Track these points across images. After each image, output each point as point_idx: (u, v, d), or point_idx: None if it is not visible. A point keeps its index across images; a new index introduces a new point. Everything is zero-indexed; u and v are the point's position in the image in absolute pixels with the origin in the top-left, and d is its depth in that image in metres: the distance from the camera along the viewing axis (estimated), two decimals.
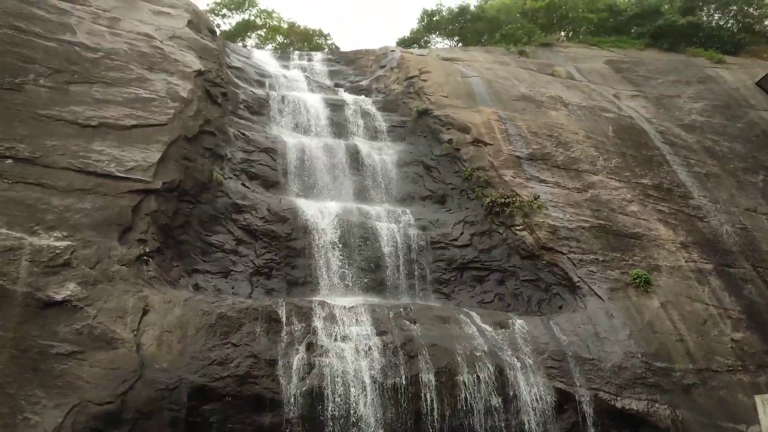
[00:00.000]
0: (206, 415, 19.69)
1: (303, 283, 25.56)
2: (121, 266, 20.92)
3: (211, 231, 25.24)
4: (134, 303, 20.35)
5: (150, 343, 19.99)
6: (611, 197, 27.22)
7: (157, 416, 18.91)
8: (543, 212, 26.21)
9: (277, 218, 26.41)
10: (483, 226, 27.99)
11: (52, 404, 17.79)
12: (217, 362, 20.37)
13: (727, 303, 24.18)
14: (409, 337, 22.50)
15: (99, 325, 19.47)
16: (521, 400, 21.71)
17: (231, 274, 25.03)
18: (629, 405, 21.31)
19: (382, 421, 20.70)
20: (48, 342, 18.58)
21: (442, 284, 27.32)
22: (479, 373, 22.00)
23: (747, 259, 26.03)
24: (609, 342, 22.71)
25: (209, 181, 25.64)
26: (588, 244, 25.40)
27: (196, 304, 21.54)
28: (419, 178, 31.27)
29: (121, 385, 18.76)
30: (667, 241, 25.90)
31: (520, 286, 26.98)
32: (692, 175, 29.22)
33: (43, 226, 20.29)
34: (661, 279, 24.56)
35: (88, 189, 21.61)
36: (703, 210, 27.63)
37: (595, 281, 24.48)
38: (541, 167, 28.23)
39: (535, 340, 23.08)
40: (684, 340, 22.91)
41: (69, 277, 19.78)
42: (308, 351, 21.59)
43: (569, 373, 22.20)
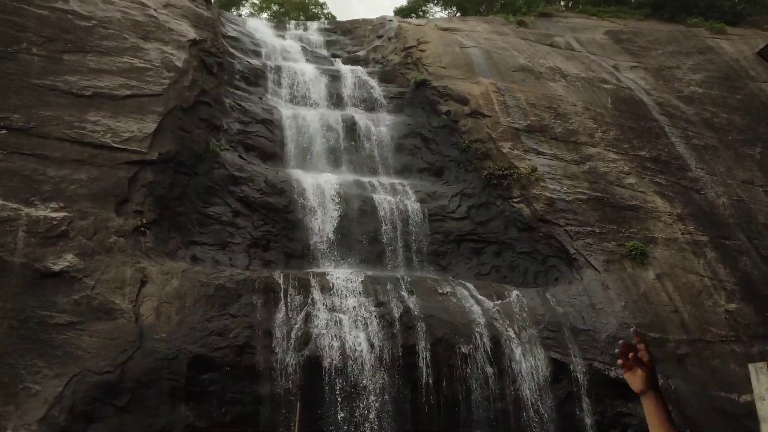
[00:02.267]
0: (205, 385, 19.90)
1: (300, 255, 25.61)
2: (118, 237, 20.93)
3: (208, 203, 25.20)
4: (132, 274, 20.41)
5: (149, 313, 20.10)
6: (609, 169, 27.19)
7: (157, 386, 19.11)
8: (540, 184, 26.19)
9: (275, 190, 26.36)
10: (480, 199, 27.99)
11: (52, 374, 17.95)
12: (215, 333, 20.52)
13: (722, 275, 24.33)
14: (407, 308, 22.65)
15: (97, 296, 19.56)
16: (517, 370, 21.96)
17: (228, 245, 25.06)
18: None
19: (379, 391, 20.96)
20: (47, 312, 18.67)
21: (440, 256, 27.41)
22: (475, 344, 22.21)
23: (743, 231, 26.11)
24: (604, 313, 22.90)
25: (206, 152, 25.52)
26: (585, 217, 25.45)
27: (194, 276, 21.61)
28: (417, 150, 31.16)
29: (120, 355, 18.92)
30: (663, 213, 25.94)
31: (516, 258, 27.09)
32: (690, 148, 29.15)
33: (39, 197, 20.24)
34: (657, 251, 24.68)
35: (84, 160, 21.50)
36: (700, 182, 27.63)
37: (592, 253, 24.59)
38: (539, 139, 28.14)
39: (532, 312, 23.26)
40: (678, 311, 23.11)
41: (66, 248, 19.80)
42: (306, 322, 21.74)
43: (564, 344, 22.42)
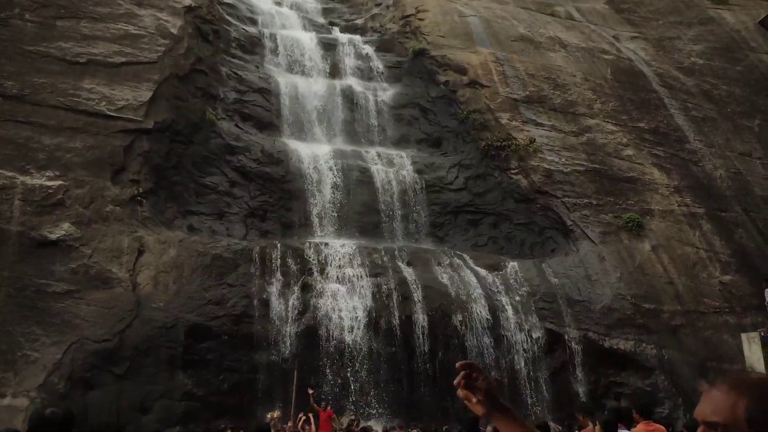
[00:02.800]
0: (203, 354, 20.06)
1: (298, 225, 25.61)
2: (114, 206, 20.88)
3: (204, 172, 25.09)
4: (129, 243, 20.41)
5: (146, 282, 20.17)
6: (607, 141, 27.09)
7: (155, 354, 19.25)
8: (538, 156, 26.10)
9: (271, 160, 26.23)
10: (478, 170, 27.91)
11: (50, 341, 18.06)
12: (213, 302, 20.62)
13: (718, 246, 24.42)
14: (403, 279, 22.75)
15: (95, 265, 19.58)
16: (512, 340, 22.16)
17: (225, 215, 25.04)
18: (617, 345, 21.77)
19: (376, 360, 21.15)
20: (44, 281, 18.71)
21: (437, 227, 27.44)
22: (472, 314, 22.37)
23: (739, 204, 26.13)
24: (599, 284, 23.03)
25: (202, 121, 25.33)
26: (582, 188, 25.42)
27: (192, 245, 21.63)
28: (414, 120, 30.96)
29: (118, 324, 19.03)
30: (660, 185, 25.92)
31: (513, 230, 27.13)
32: (689, 119, 29.01)
33: (34, 165, 20.14)
34: (654, 223, 24.72)
35: (79, 128, 21.34)
36: (698, 154, 27.56)
37: (588, 225, 24.62)
38: (538, 110, 27.96)
39: (528, 283, 23.38)
40: (673, 283, 23.24)
41: (63, 217, 19.77)
42: (303, 292, 21.84)
43: (560, 315, 22.59)
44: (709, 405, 1.62)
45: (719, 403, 1.60)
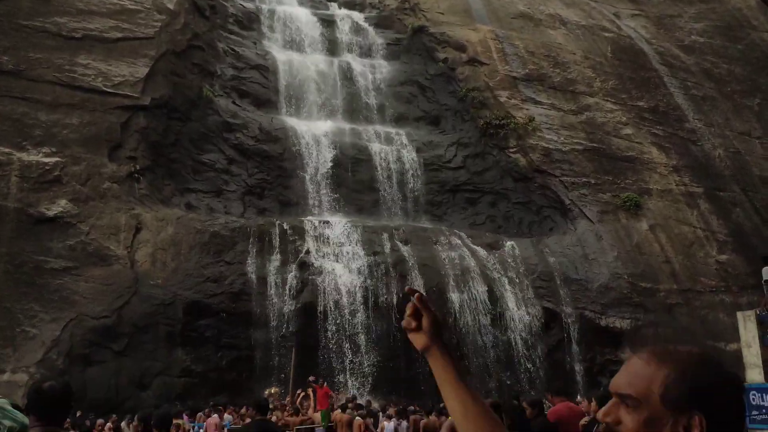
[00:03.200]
0: (201, 330, 20.15)
1: (295, 203, 25.56)
2: (112, 183, 20.82)
3: (202, 149, 24.98)
4: (127, 220, 20.38)
5: (144, 260, 20.18)
6: (606, 120, 26.97)
7: (154, 330, 19.34)
8: (537, 134, 26.00)
9: (269, 137, 26.11)
10: (477, 149, 27.82)
11: (49, 318, 18.12)
12: (211, 279, 20.66)
13: (715, 226, 24.44)
14: (401, 257, 22.80)
15: (92, 242, 19.58)
16: (509, 318, 22.27)
17: (223, 193, 24.98)
18: (613, 323, 21.90)
19: (373, 338, 21.27)
20: (42, 257, 18.72)
21: (435, 206, 27.41)
22: (469, 293, 22.46)
23: (737, 183, 26.10)
24: (597, 263, 23.09)
25: (199, 98, 25.14)
26: (581, 167, 25.37)
27: (189, 223, 21.61)
28: (413, 98, 30.77)
29: (116, 300, 19.08)
30: (659, 164, 25.86)
31: (511, 209, 27.13)
32: (689, 98, 28.85)
33: (31, 142, 20.03)
34: (651, 202, 24.71)
35: (75, 104, 21.19)
36: (697, 133, 27.46)
37: (586, 204, 24.61)
38: (537, 88, 27.78)
39: (525, 261, 23.44)
40: (670, 262, 23.31)
41: (60, 194, 19.71)
42: (301, 270, 21.89)
43: (557, 293, 22.68)
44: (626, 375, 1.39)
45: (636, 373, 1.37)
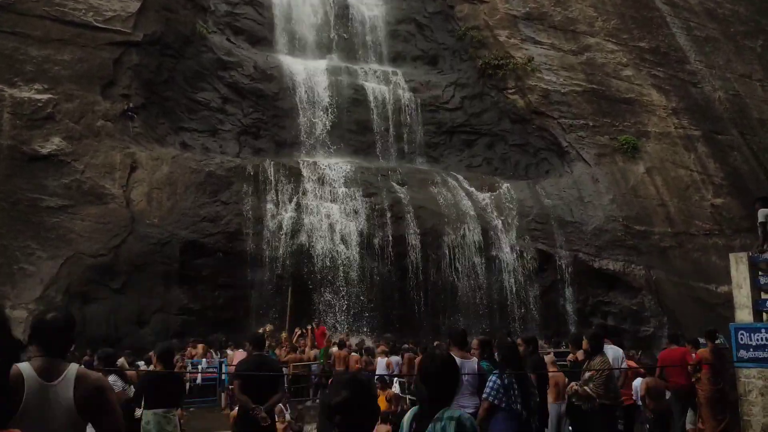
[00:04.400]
0: (199, 269, 20.31)
1: (291, 143, 25.38)
2: (105, 121, 20.57)
3: (196, 88, 24.61)
4: (121, 159, 20.24)
5: (139, 199, 20.15)
6: (607, 60, 26.56)
7: (151, 269, 19.47)
8: (536, 75, 25.63)
9: (264, 76, 25.70)
10: (475, 89, 27.48)
11: (46, 255, 18.20)
12: (207, 219, 20.70)
13: (711, 169, 24.42)
14: (397, 199, 22.81)
15: (87, 180, 19.49)
16: (503, 260, 22.49)
17: (218, 132, 24.75)
18: (606, 265, 22.14)
19: (368, 278, 21.50)
20: (38, 195, 18.66)
21: (431, 148, 27.27)
22: (464, 235, 22.60)
23: (736, 126, 25.94)
24: (592, 206, 23.17)
25: (192, 34, 24.58)
26: (579, 109, 25.13)
27: (185, 162, 21.48)
28: (411, 36, 30.18)
29: (113, 239, 19.14)
30: (658, 106, 25.63)
31: (508, 151, 27.02)
32: (691, 39, 28.36)
33: (22, 78, 19.67)
34: (649, 145, 24.61)
35: (66, 39, 20.72)
36: (698, 76, 27.11)
37: (584, 146, 24.51)
38: (537, 27, 27.23)
39: (521, 204, 23.50)
40: (665, 205, 23.40)
41: (53, 131, 19.49)
42: (297, 210, 21.91)
43: (551, 235, 22.84)
44: None
45: None
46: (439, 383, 3.77)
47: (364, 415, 2.88)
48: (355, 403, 2.82)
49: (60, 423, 3.23)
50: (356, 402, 2.82)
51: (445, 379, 3.80)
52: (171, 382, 7.89)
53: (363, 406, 2.86)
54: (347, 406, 2.80)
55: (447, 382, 3.81)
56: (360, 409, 2.84)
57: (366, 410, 2.89)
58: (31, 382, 3.20)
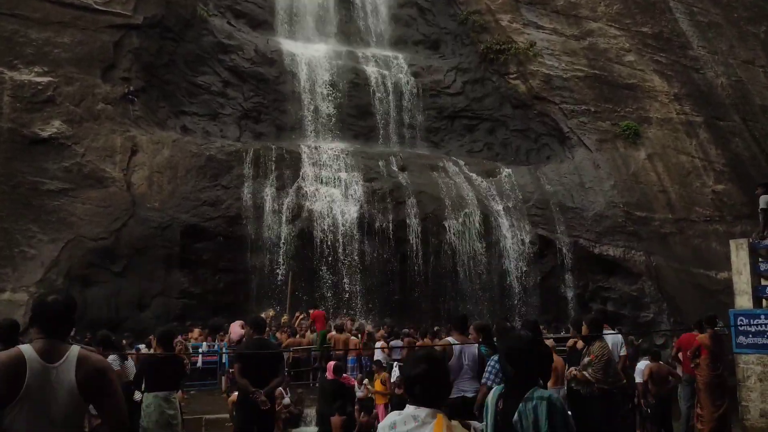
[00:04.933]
0: (199, 254, 20.33)
1: (292, 128, 25.32)
2: (106, 105, 20.51)
3: (196, 71, 24.51)
4: (122, 142, 20.21)
5: (140, 182, 20.13)
6: (609, 46, 26.40)
7: (152, 253, 19.51)
8: (538, 60, 25.49)
9: (265, 60, 25.58)
10: (476, 74, 27.35)
11: (47, 239, 18.22)
12: (207, 203, 20.69)
13: (713, 156, 24.35)
14: (398, 183, 22.77)
15: (88, 164, 19.46)
16: (504, 245, 22.50)
17: (219, 116, 24.69)
18: (607, 251, 22.15)
19: (369, 263, 21.52)
20: (38, 179, 18.65)
21: (432, 133, 27.20)
22: (465, 219, 22.60)
23: (738, 113, 25.82)
24: (593, 192, 23.14)
25: (193, 17, 24.43)
26: (581, 95, 25.01)
27: (185, 146, 21.43)
28: (412, 21, 30.00)
29: (113, 223, 19.16)
30: (660, 92, 25.50)
31: (509, 136, 26.95)
32: (694, 24, 28.17)
33: (22, 60, 19.60)
34: (651, 131, 24.51)
35: (66, 22, 20.61)
36: (700, 61, 26.96)
37: (585, 132, 24.42)
38: (540, 12, 27.05)
39: (522, 189, 23.47)
40: (666, 191, 23.35)
41: (54, 114, 19.45)
42: (297, 195, 21.89)
43: (552, 221, 22.82)
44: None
45: None
46: (526, 362, 3.78)
47: (440, 386, 3.18)
48: (432, 375, 3.12)
49: (62, 404, 3.25)
50: (433, 374, 3.13)
51: (531, 358, 3.82)
52: (171, 365, 7.94)
53: (438, 378, 3.17)
54: (425, 378, 3.10)
55: (533, 360, 3.84)
56: (436, 381, 3.14)
57: (441, 382, 3.20)
58: (33, 364, 3.21)
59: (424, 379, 3.10)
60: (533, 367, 3.83)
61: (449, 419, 3.06)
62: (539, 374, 3.91)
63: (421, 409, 3.08)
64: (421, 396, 3.10)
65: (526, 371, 3.80)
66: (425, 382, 3.10)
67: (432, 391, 3.12)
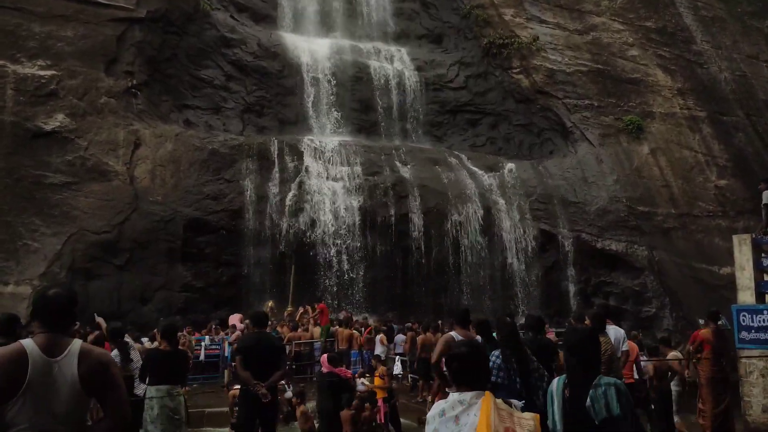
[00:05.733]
0: (202, 247, 20.37)
1: (294, 122, 25.30)
2: (109, 98, 20.51)
3: (199, 65, 24.49)
4: (125, 136, 20.22)
5: (143, 176, 20.15)
6: (613, 40, 26.30)
7: (154, 246, 19.54)
8: (541, 55, 25.41)
9: (268, 54, 25.53)
10: (479, 68, 27.28)
11: (50, 232, 18.26)
12: (210, 197, 20.71)
13: (716, 150, 24.27)
14: (400, 178, 22.76)
15: (91, 157, 19.48)
16: (506, 239, 22.50)
17: (222, 110, 24.67)
18: (609, 246, 22.12)
19: (371, 257, 21.53)
20: (41, 172, 18.67)
21: (435, 127, 27.17)
22: (467, 214, 22.59)
23: (741, 107, 25.73)
24: (596, 186, 23.09)
25: (196, 11, 24.39)
26: (584, 89, 24.93)
27: (188, 140, 21.44)
28: (415, 14, 29.92)
29: (116, 216, 19.19)
30: (664, 87, 25.41)
31: (512, 131, 26.90)
32: (698, 19, 28.05)
33: (25, 54, 19.59)
34: (654, 125, 24.44)
35: (69, 15, 20.59)
36: (704, 56, 26.85)
37: (588, 127, 24.36)
38: (543, 6, 26.94)
39: (524, 183, 23.44)
40: (669, 186, 23.30)
41: (57, 108, 19.46)
42: (300, 189, 21.89)
43: (554, 215, 22.81)
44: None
45: None
46: (586, 353, 4.05)
47: (479, 369, 3.51)
48: (472, 358, 3.48)
49: (64, 399, 3.24)
50: (472, 357, 3.48)
51: (591, 348, 4.11)
52: (175, 359, 7.95)
53: (478, 362, 3.51)
54: (464, 357, 3.46)
55: (592, 351, 4.11)
56: (476, 364, 3.48)
57: (481, 365, 3.54)
58: (35, 358, 3.21)
59: (464, 360, 3.44)
60: (593, 357, 4.10)
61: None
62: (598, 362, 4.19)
63: (465, 393, 3.38)
64: (463, 379, 3.42)
65: (588, 360, 4.06)
66: (466, 364, 3.43)
67: (473, 374, 3.44)
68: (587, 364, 4.03)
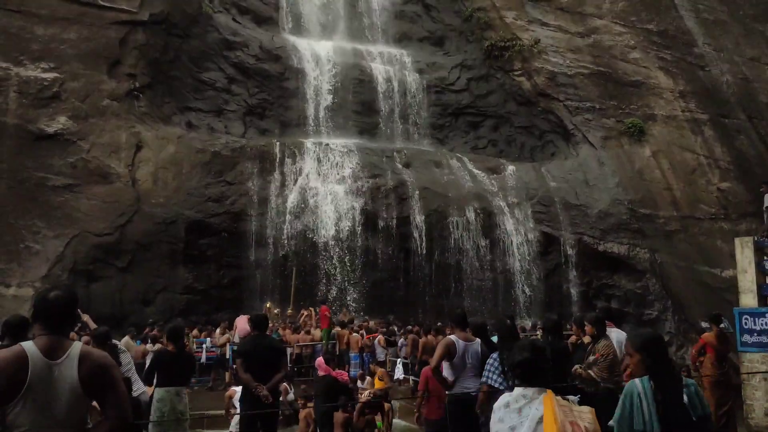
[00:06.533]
0: (203, 249, 20.39)
1: (296, 124, 25.33)
2: (111, 101, 20.55)
3: (201, 68, 24.53)
4: (127, 138, 20.26)
5: (145, 178, 20.19)
6: (614, 43, 26.30)
7: (156, 248, 19.57)
8: (543, 57, 25.41)
9: (270, 56, 25.58)
10: (481, 71, 27.30)
11: (52, 234, 18.30)
12: (212, 199, 20.75)
13: (718, 153, 24.24)
14: (402, 180, 22.78)
15: (93, 159, 19.52)
16: (508, 241, 22.50)
17: (224, 113, 24.71)
18: (611, 248, 22.11)
19: (373, 259, 21.54)
20: (44, 174, 18.72)
21: (437, 129, 27.18)
22: (469, 216, 22.60)
23: (743, 110, 25.69)
24: (597, 189, 23.08)
25: (198, 14, 24.45)
26: (586, 92, 24.93)
27: (190, 142, 21.48)
28: (417, 17, 29.95)
29: (118, 218, 19.22)
30: (665, 89, 25.39)
31: (513, 133, 26.91)
32: (699, 22, 28.02)
33: (28, 57, 19.65)
34: (656, 128, 24.42)
35: (72, 18, 20.65)
36: (705, 59, 26.83)
37: (590, 129, 24.35)
38: (545, 9, 26.96)
39: (526, 186, 23.45)
40: (671, 189, 23.27)
41: (59, 110, 19.50)
42: (301, 191, 21.93)
43: (556, 218, 22.80)
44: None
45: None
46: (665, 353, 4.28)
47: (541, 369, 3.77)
48: (535, 361, 3.75)
49: (65, 401, 3.25)
50: (536, 361, 3.75)
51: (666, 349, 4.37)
52: (182, 361, 8.00)
53: (540, 363, 3.77)
54: (528, 363, 3.75)
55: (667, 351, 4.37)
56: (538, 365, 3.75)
57: (543, 366, 3.79)
58: (36, 361, 3.22)
59: (526, 364, 3.73)
60: (668, 358, 4.33)
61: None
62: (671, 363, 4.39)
63: (528, 389, 3.70)
64: (526, 378, 3.73)
65: (669, 361, 4.31)
66: (527, 367, 3.73)
67: (535, 373, 3.74)
68: (667, 366, 4.20)
